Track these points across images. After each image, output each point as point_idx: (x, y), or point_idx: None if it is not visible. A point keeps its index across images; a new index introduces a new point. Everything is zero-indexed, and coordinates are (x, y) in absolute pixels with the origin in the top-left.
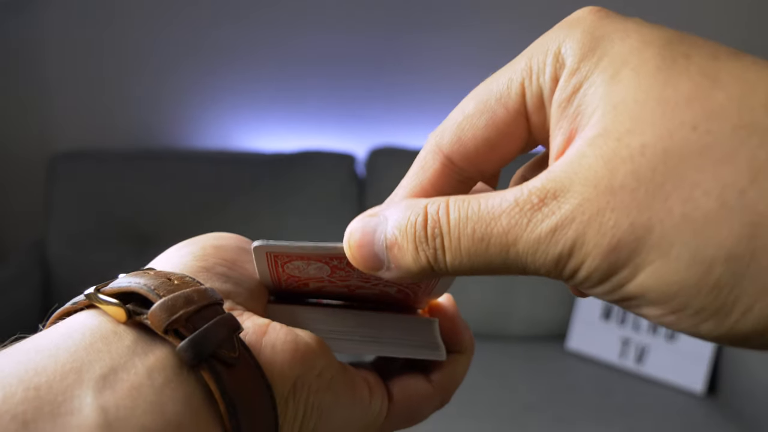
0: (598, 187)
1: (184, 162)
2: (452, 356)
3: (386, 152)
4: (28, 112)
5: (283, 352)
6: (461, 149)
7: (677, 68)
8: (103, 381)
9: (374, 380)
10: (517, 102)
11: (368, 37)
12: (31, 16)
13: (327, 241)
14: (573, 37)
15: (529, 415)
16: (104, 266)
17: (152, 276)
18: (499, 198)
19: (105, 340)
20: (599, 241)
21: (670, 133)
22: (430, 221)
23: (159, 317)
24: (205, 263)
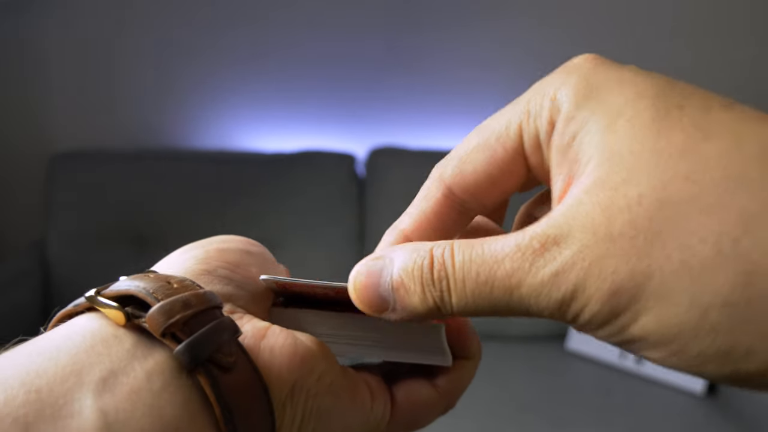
0: (597, 234)
1: (184, 162)
2: (459, 362)
3: (386, 152)
4: (28, 112)
5: (282, 356)
6: (462, 182)
7: (670, 120)
8: (102, 384)
9: (377, 385)
10: (515, 142)
11: (368, 37)
12: (31, 16)
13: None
14: (569, 83)
15: (529, 415)
16: (104, 266)
17: (152, 279)
18: (501, 242)
19: (105, 343)
20: (600, 285)
21: (664, 183)
22: (436, 264)
23: (156, 321)
24: (207, 266)
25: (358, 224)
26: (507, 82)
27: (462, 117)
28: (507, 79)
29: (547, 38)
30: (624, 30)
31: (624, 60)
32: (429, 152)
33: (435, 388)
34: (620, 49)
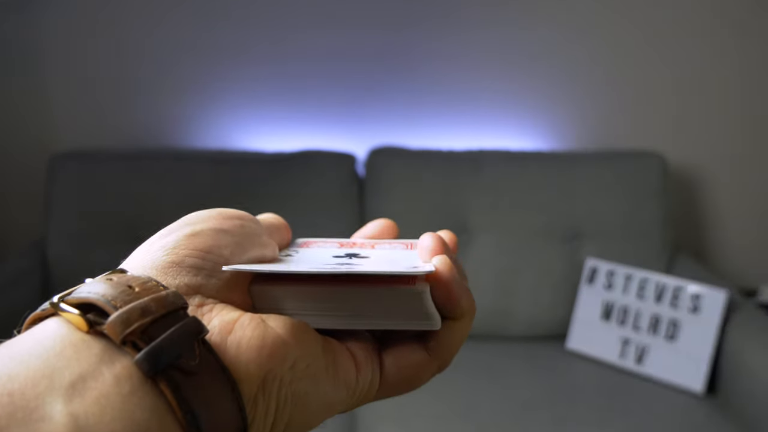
0: None
1: (184, 162)
2: (448, 323)
3: (386, 152)
4: (27, 112)
5: (249, 350)
6: None
7: None
8: (72, 388)
9: (363, 354)
10: None
11: (368, 36)
12: (30, 16)
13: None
14: None
15: (529, 415)
16: (104, 266)
17: (113, 284)
18: None
19: (74, 347)
20: None
21: None
22: None
23: (115, 330)
24: (175, 257)
25: (358, 224)
26: (507, 82)
27: (462, 117)
28: (507, 79)
29: (547, 39)
30: (623, 30)
31: (621, 59)
32: (429, 152)
33: (426, 349)
34: (620, 49)
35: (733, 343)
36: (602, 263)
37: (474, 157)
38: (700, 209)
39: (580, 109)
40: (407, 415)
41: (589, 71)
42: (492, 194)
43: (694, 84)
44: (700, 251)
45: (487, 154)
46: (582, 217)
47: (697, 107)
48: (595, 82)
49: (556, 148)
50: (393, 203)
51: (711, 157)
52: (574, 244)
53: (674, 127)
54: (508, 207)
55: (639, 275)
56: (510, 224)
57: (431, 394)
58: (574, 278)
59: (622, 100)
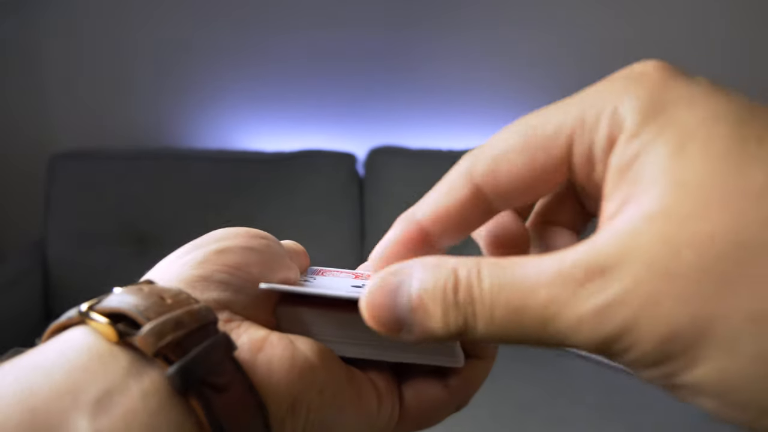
0: (654, 269)
1: (184, 162)
2: (471, 361)
3: (386, 152)
4: (27, 112)
5: (280, 370)
6: (494, 182)
7: (749, 153)
8: (98, 405)
9: (385, 386)
10: (562, 151)
11: (369, 36)
12: (30, 16)
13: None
14: (634, 95)
15: (528, 414)
16: (104, 266)
17: (145, 295)
18: (536, 266)
19: (101, 359)
20: (653, 329)
21: (741, 225)
22: (462, 286)
23: (147, 342)
24: (204, 271)
25: (358, 224)
26: (507, 82)
27: (462, 117)
28: (507, 79)
29: (547, 39)
30: (623, 30)
31: (621, 59)
32: (429, 152)
33: (446, 387)
34: (620, 49)
35: None
36: None
37: None
38: None
39: None
40: None
41: (589, 71)
42: None
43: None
44: None
45: None
46: None
47: None
48: (594, 83)
49: None
50: (393, 203)
51: None
52: None
53: None
54: None
55: None
56: None
57: None
58: None
59: None
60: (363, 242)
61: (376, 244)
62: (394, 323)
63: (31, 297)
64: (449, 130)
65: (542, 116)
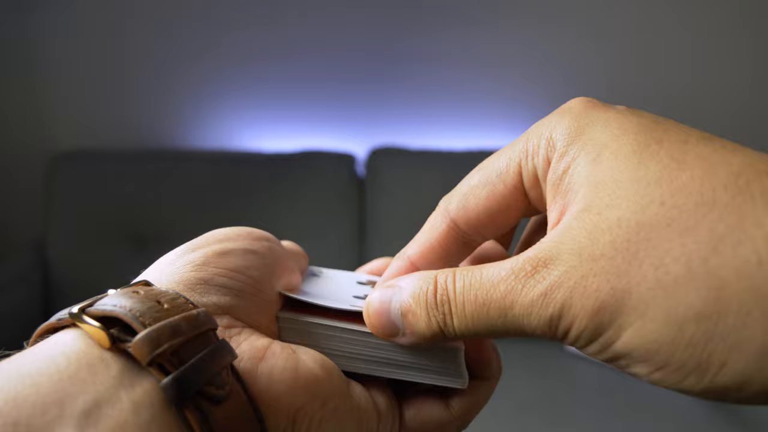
0: (581, 255)
1: (183, 162)
2: (475, 382)
3: (386, 152)
4: (28, 111)
5: (281, 381)
6: (465, 215)
7: (649, 152)
8: (86, 418)
9: (386, 403)
10: (514, 179)
11: (369, 36)
12: (30, 15)
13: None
14: (563, 123)
15: (529, 414)
16: (104, 266)
17: (140, 299)
18: (498, 267)
19: (91, 368)
20: (584, 303)
21: (641, 207)
22: (440, 290)
23: (142, 350)
24: (204, 274)
25: (358, 224)
26: (507, 82)
27: (462, 117)
28: (507, 79)
29: (547, 39)
30: (624, 31)
31: (623, 59)
32: (429, 152)
33: (448, 408)
34: (619, 51)
35: None
36: None
37: (474, 157)
38: None
39: None
40: None
41: (589, 71)
42: None
43: (694, 85)
44: None
45: (486, 154)
46: None
47: (697, 107)
48: (594, 83)
49: None
50: (393, 203)
51: None
52: None
53: None
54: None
55: None
56: None
57: None
58: None
59: (622, 100)
60: (363, 242)
61: (374, 246)
62: (389, 327)
63: (31, 297)
64: (449, 131)
65: (497, 154)
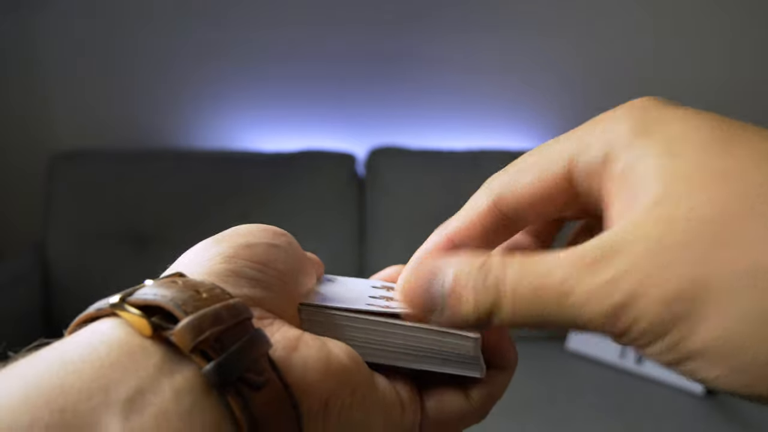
0: (656, 244)
1: (183, 162)
2: (493, 372)
3: (386, 152)
4: (27, 112)
5: (315, 370)
6: (509, 196)
7: (724, 148)
8: (130, 404)
9: (408, 395)
10: (566, 168)
11: (369, 36)
12: (30, 15)
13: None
14: (630, 117)
15: (529, 415)
16: (104, 266)
17: (180, 288)
18: (554, 255)
19: (132, 355)
20: (657, 292)
21: (724, 197)
22: (492, 271)
23: (185, 337)
24: (234, 266)
25: (358, 224)
26: (507, 83)
27: (462, 117)
28: (507, 80)
29: (547, 41)
30: (622, 31)
31: (623, 63)
32: (429, 152)
33: (468, 398)
34: (619, 49)
35: None
36: None
37: (474, 157)
38: None
39: (580, 109)
40: None
41: (589, 71)
42: None
43: (694, 84)
44: None
45: (487, 154)
46: None
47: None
48: (594, 83)
49: None
50: (393, 203)
51: None
52: None
53: None
54: None
55: None
56: None
57: None
58: None
59: (622, 100)
60: (363, 242)
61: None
62: (428, 302)
63: (31, 297)
64: (449, 130)
65: (550, 143)
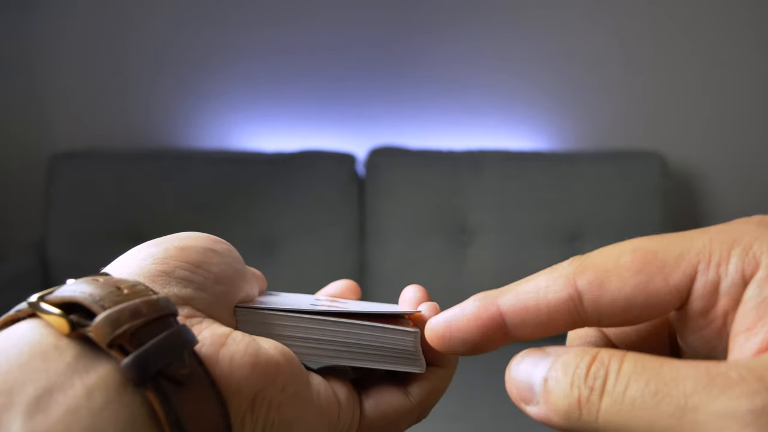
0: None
1: (184, 162)
2: (432, 369)
3: (386, 152)
4: (28, 112)
5: (242, 367)
6: (598, 294)
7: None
8: (35, 404)
9: (345, 394)
10: (682, 280)
11: (369, 37)
12: (30, 16)
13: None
14: (767, 238)
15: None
16: (104, 266)
17: (100, 285)
18: (684, 362)
19: (44, 356)
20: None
21: None
22: (597, 362)
23: (102, 331)
24: (165, 267)
25: (358, 224)
26: (507, 82)
27: (462, 117)
28: (507, 79)
29: (548, 40)
30: (623, 31)
31: (621, 60)
32: (429, 152)
33: (407, 396)
34: (619, 49)
35: None
36: None
37: (474, 157)
38: (700, 209)
39: (580, 109)
40: None
41: (589, 72)
42: (492, 194)
43: (694, 84)
44: None
45: (487, 154)
46: (582, 217)
47: (698, 107)
48: (594, 83)
49: (556, 148)
50: (393, 203)
51: (711, 157)
52: (574, 244)
53: (674, 127)
54: (508, 207)
55: None
56: (510, 224)
57: None
58: None
59: (622, 100)
60: (362, 242)
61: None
62: (525, 391)
63: None
64: (449, 130)
65: (662, 243)
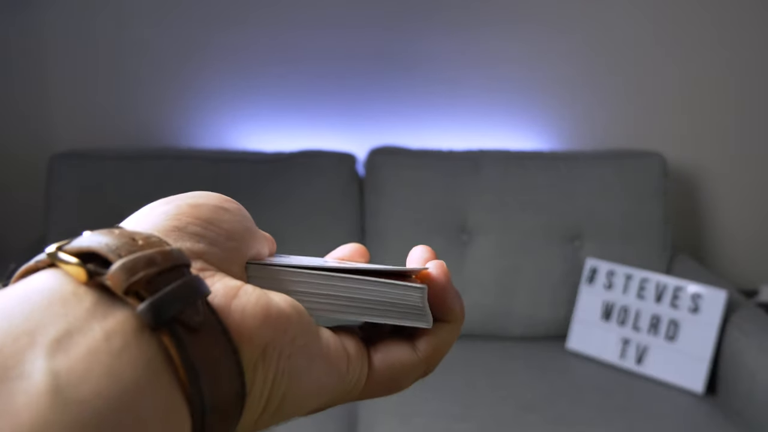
0: None
1: (184, 162)
2: (439, 325)
3: (386, 152)
4: (28, 111)
5: (254, 317)
6: None
7: None
8: (57, 344)
9: (354, 348)
10: None
11: (369, 36)
12: (30, 15)
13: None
14: None
15: (529, 415)
16: None
17: (116, 236)
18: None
19: (64, 301)
20: None
21: None
22: None
23: (118, 278)
24: (178, 222)
25: (358, 224)
26: (507, 82)
27: (462, 117)
28: (507, 79)
29: (547, 40)
30: (623, 31)
31: (621, 60)
32: (429, 152)
33: (415, 350)
34: (620, 49)
35: (733, 343)
36: (602, 263)
37: (474, 157)
38: (700, 209)
39: (580, 109)
40: (407, 413)
41: (589, 72)
42: (492, 194)
43: (695, 84)
44: (700, 251)
45: (487, 154)
46: (582, 217)
47: (698, 107)
48: (594, 83)
49: (556, 148)
50: (393, 203)
51: (711, 157)
52: (574, 244)
53: (674, 127)
54: (508, 207)
55: (639, 275)
56: (510, 224)
57: (431, 392)
58: (574, 278)
59: (622, 100)
60: (363, 242)
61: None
62: None
63: None
64: (449, 130)
65: None
